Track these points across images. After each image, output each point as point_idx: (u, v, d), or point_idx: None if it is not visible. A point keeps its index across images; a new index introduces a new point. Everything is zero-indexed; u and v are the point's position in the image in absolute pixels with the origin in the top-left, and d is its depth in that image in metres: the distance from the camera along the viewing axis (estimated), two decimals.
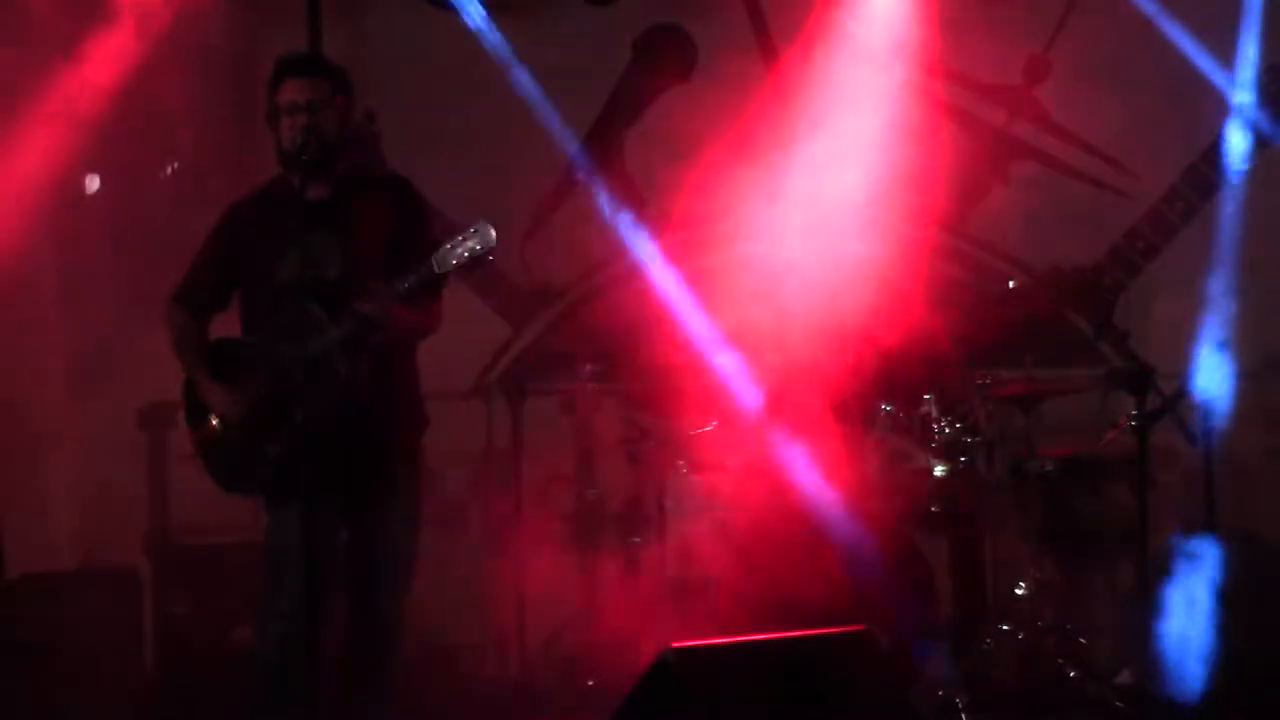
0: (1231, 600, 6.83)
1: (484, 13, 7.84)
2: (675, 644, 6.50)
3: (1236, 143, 8.03)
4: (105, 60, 7.49)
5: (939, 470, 6.89)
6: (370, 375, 5.35)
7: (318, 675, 5.24)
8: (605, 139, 8.20)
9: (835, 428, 6.99)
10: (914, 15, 7.86)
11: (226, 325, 5.65)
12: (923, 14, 7.86)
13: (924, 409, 6.91)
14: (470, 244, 5.22)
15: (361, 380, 5.33)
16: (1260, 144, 8.05)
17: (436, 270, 5.24)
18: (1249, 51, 7.94)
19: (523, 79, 7.84)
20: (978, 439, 6.87)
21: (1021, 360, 7.10)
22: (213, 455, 5.52)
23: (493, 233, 5.24)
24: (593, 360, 7.28)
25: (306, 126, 5.28)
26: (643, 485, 7.35)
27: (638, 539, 7.29)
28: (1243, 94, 7.93)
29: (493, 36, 7.85)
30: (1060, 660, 6.72)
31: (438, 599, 7.21)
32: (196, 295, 5.58)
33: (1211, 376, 6.87)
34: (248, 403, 5.39)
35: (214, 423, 5.47)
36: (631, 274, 7.99)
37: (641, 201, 8.08)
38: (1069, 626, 6.93)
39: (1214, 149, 8.08)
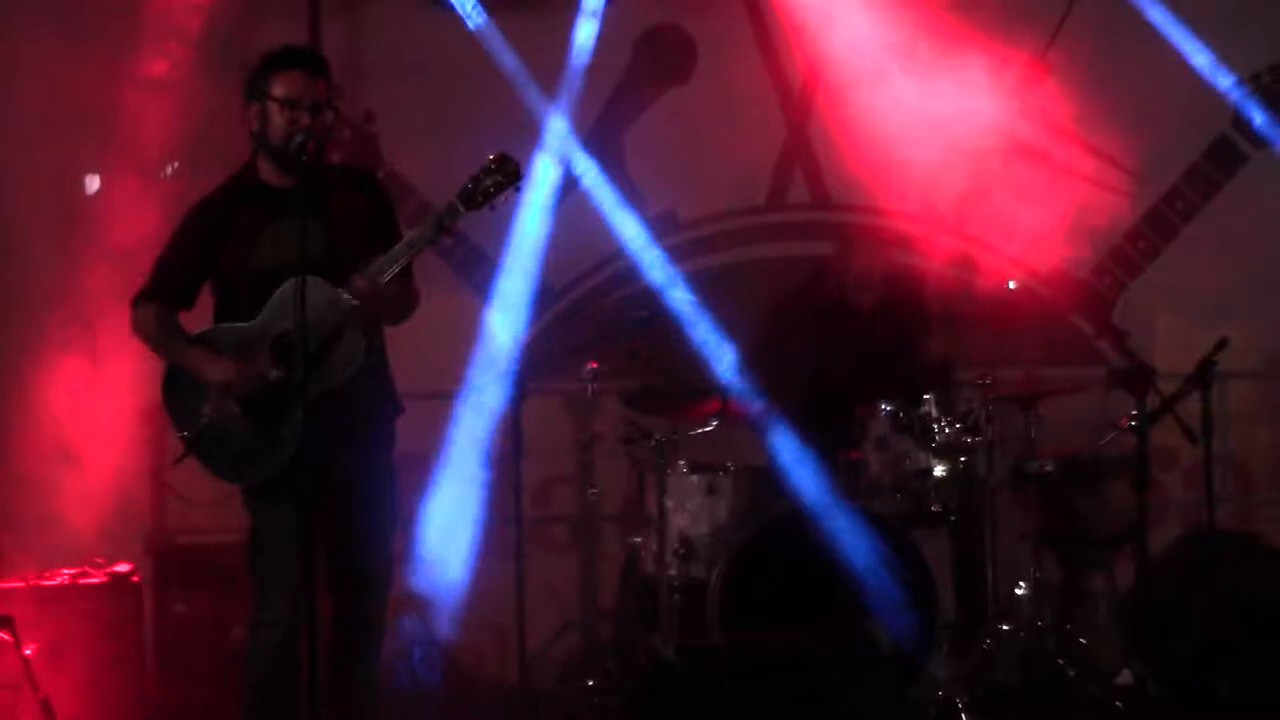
0: (1231, 601, 6.83)
1: (484, 12, 7.83)
2: (675, 644, 6.53)
3: (1236, 142, 8.05)
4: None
5: (939, 470, 6.90)
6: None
7: (309, 678, 5.18)
8: (605, 139, 8.20)
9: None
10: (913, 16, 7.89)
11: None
12: (923, 15, 7.88)
13: (924, 409, 6.92)
14: (495, 178, 5.10)
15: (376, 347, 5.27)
16: (1260, 144, 8.06)
17: (463, 210, 5.10)
18: (1248, 51, 7.95)
19: (522, 79, 7.83)
20: (978, 439, 6.87)
21: (1021, 360, 7.10)
22: (217, 444, 5.29)
23: (514, 165, 5.09)
24: (593, 360, 7.27)
25: (309, 127, 5.20)
26: (643, 485, 7.35)
27: (638, 539, 7.28)
28: (1243, 93, 7.94)
29: (493, 36, 7.84)
30: (1060, 660, 6.73)
31: (438, 598, 7.25)
32: (169, 289, 5.40)
33: (1211, 375, 6.87)
34: (254, 374, 5.21)
35: (208, 411, 5.25)
36: (631, 274, 7.98)
37: (642, 201, 8.08)
38: (1069, 626, 6.94)
39: (1214, 148, 8.10)
